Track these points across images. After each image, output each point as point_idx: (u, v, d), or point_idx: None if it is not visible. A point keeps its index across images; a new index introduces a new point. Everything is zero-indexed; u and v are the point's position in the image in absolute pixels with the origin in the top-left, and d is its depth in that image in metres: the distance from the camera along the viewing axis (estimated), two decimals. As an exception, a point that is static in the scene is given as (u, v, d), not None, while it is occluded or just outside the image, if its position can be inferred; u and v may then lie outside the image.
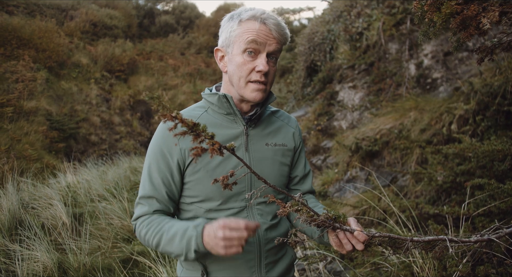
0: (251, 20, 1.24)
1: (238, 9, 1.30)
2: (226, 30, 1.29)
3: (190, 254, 1.15)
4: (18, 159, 8.64)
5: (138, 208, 1.29)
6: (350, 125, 5.77)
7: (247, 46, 1.23)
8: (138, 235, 1.27)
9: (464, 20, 0.94)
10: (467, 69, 4.45)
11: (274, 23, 1.24)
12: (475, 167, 2.68)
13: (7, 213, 4.62)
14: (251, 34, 1.22)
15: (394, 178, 3.96)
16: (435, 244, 1.23)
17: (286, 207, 1.03)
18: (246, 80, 1.26)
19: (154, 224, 1.23)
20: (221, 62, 1.34)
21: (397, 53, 5.45)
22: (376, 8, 6.06)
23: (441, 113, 3.88)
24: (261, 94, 1.27)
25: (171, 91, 15.42)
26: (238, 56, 1.25)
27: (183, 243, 1.15)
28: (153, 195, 1.27)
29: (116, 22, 16.65)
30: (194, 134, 0.82)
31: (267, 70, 1.24)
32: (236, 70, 1.26)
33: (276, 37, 1.25)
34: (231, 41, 1.27)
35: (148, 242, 1.23)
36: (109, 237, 4.51)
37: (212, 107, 1.33)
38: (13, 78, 10.68)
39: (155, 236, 1.21)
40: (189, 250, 1.14)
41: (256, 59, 1.24)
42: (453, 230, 2.36)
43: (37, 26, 12.20)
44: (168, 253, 1.20)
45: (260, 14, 1.24)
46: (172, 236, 1.18)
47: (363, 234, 1.08)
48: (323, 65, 7.07)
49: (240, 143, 1.30)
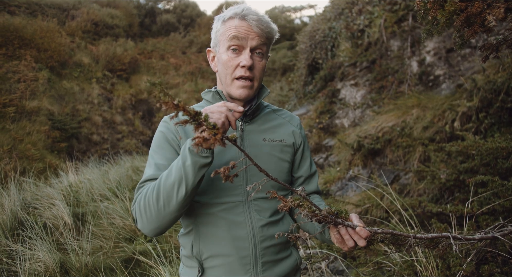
0: (232, 18, 1.28)
1: (223, 12, 1.34)
2: (213, 31, 1.34)
3: (187, 160, 1.05)
4: (20, 159, 8.66)
5: (139, 191, 1.22)
6: (352, 123, 5.74)
7: (230, 43, 1.26)
8: (139, 208, 1.16)
9: (469, 18, 0.91)
10: (470, 65, 4.41)
11: (254, 19, 1.26)
12: (479, 164, 2.66)
13: (9, 213, 4.62)
14: (231, 31, 1.25)
15: (396, 176, 3.94)
16: (438, 242, 1.21)
17: (288, 201, 1.01)
18: (232, 77, 1.28)
19: (152, 183, 1.18)
20: (213, 62, 1.40)
21: (399, 50, 5.41)
22: (378, 5, 6.02)
23: (443, 111, 3.85)
24: (247, 90, 1.29)
25: (173, 90, 15.43)
26: (223, 54, 1.29)
27: (179, 162, 1.08)
28: (155, 176, 1.22)
29: (118, 22, 16.65)
30: (195, 123, 0.79)
31: (250, 64, 1.25)
32: (223, 68, 1.30)
33: (257, 31, 1.26)
34: (217, 41, 1.32)
35: (149, 200, 1.13)
36: (111, 236, 4.51)
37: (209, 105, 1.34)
38: (15, 78, 10.70)
39: (154, 185, 1.14)
40: (185, 157, 1.06)
41: (240, 55, 1.27)
42: (457, 228, 2.34)
43: (38, 26, 12.22)
44: (170, 191, 1.09)
45: (240, 11, 1.27)
46: (169, 168, 1.13)
47: (365, 230, 1.06)
48: (325, 63, 7.03)
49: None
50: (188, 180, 1.07)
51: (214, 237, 1.26)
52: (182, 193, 1.09)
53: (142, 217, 1.15)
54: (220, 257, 1.26)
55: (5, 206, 4.75)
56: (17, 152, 8.81)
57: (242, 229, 1.26)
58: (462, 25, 0.95)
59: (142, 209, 1.15)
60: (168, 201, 1.10)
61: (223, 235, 1.25)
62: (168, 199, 1.10)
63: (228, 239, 1.25)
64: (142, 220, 1.16)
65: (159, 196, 1.11)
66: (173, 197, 1.09)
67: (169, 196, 1.09)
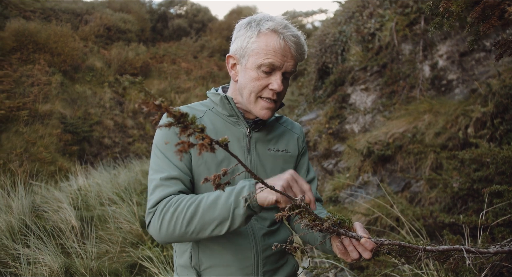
0: (271, 34, 1.18)
1: (257, 16, 1.24)
2: (243, 39, 1.22)
3: (239, 209, 0.99)
4: (32, 161, 8.77)
5: (159, 191, 1.12)
6: (362, 128, 5.63)
7: (264, 65, 1.18)
8: (160, 220, 1.08)
9: (485, 9, 0.83)
10: (485, 70, 4.27)
11: (294, 41, 1.19)
12: (494, 173, 2.54)
13: (17, 216, 4.64)
14: (270, 55, 1.17)
15: (407, 184, 3.82)
16: (450, 255, 1.14)
17: (286, 210, 0.95)
18: (257, 96, 1.23)
19: (186, 198, 1.08)
20: (233, 70, 1.30)
21: (411, 54, 5.30)
22: (389, 8, 5.92)
23: (457, 116, 3.73)
24: (270, 112, 1.25)
25: (184, 94, 15.49)
26: (252, 71, 1.21)
27: (230, 200, 1.01)
28: (179, 177, 1.15)
29: (130, 26, 16.86)
30: (181, 126, 0.70)
31: (281, 90, 1.20)
32: (248, 84, 1.22)
33: (295, 56, 1.20)
34: (246, 53, 1.21)
35: (177, 221, 1.05)
36: (117, 241, 4.50)
37: (216, 107, 1.31)
38: (29, 82, 10.89)
39: (189, 207, 1.05)
40: (238, 203, 0.99)
41: (271, 76, 1.20)
42: (470, 240, 2.23)
43: (52, 31, 12.43)
44: (207, 225, 1.03)
45: (282, 29, 1.18)
46: (215, 198, 1.04)
47: (371, 241, 0.99)
48: (335, 67, 6.95)
49: (243, 145, 1.27)
50: (233, 225, 1.03)
51: (214, 246, 1.22)
52: (220, 231, 1.05)
53: (162, 229, 1.08)
54: (221, 267, 1.21)
55: (13, 209, 4.78)
56: (27, 155, 8.92)
57: (244, 239, 1.22)
58: (478, 18, 0.87)
59: (166, 222, 1.07)
60: (199, 230, 1.05)
61: (224, 245, 1.21)
62: (201, 229, 1.05)
63: (230, 249, 1.21)
64: (160, 231, 1.09)
65: (192, 221, 1.05)
66: (207, 230, 1.05)
67: (204, 227, 1.05)
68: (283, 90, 1.23)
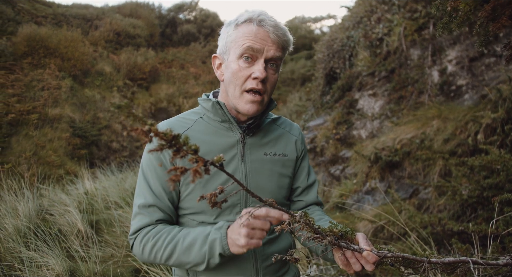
0: (247, 23, 1.16)
1: (236, 15, 1.23)
2: (223, 36, 1.22)
3: (214, 259, 1.06)
4: (41, 165, 8.85)
5: (138, 219, 1.17)
6: (369, 134, 5.57)
7: (243, 52, 1.14)
8: (141, 250, 1.14)
9: (495, 8, 0.80)
10: (495, 75, 4.20)
11: (272, 25, 1.14)
12: (504, 180, 2.48)
13: (23, 218, 4.67)
14: (247, 39, 1.13)
15: (415, 190, 3.76)
16: (456, 266, 1.09)
17: (285, 224, 0.92)
18: (242, 89, 1.17)
19: (163, 234, 1.12)
20: (218, 70, 1.27)
21: (419, 59, 5.24)
22: (397, 13, 5.88)
23: (466, 122, 3.66)
24: (256, 106, 1.18)
25: (192, 99, 15.55)
26: (233, 62, 1.17)
27: (204, 249, 1.06)
28: (154, 203, 1.17)
29: (139, 31, 17.02)
30: (174, 149, 0.67)
31: (264, 76, 1.13)
32: (232, 78, 1.17)
33: (274, 40, 1.15)
34: (227, 47, 1.20)
35: (156, 255, 1.11)
36: (123, 245, 4.49)
37: (208, 114, 1.26)
38: (39, 86, 11.03)
39: (166, 246, 1.10)
40: (212, 255, 1.05)
41: (253, 66, 1.15)
42: (480, 249, 2.17)
43: (63, 36, 12.60)
44: (182, 264, 1.10)
45: (257, 16, 1.15)
46: (190, 244, 1.08)
47: (373, 254, 0.96)
48: (343, 72, 6.91)
49: (236, 152, 1.22)
50: (209, 267, 1.09)
51: None
52: (197, 269, 1.12)
53: (143, 256, 1.16)
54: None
55: (20, 212, 4.81)
56: (36, 158, 9.01)
57: None
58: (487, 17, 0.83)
59: (146, 253, 1.14)
60: (178, 265, 1.13)
61: None
62: (180, 265, 1.12)
63: (228, 260, 1.17)
64: (142, 257, 1.16)
65: (170, 259, 1.11)
66: (185, 267, 1.13)
67: (181, 265, 1.12)
68: (269, 78, 1.18)
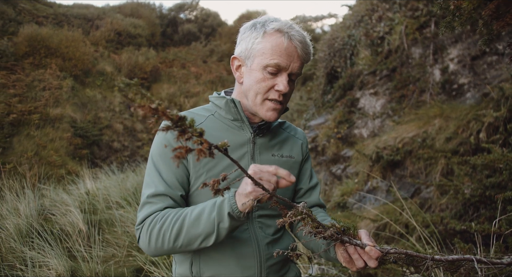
0: (277, 34, 1.16)
1: (262, 18, 1.22)
2: (248, 40, 1.21)
3: (224, 223, 1.01)
4: (43, 165, 8.86)
5: (146, 208, 1.13)
6: (371, 133, 5.56)
7: (270, 65, 1.16)
8: (148, 237, 1.10)
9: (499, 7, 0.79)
10: (497, 74, 4.18)
11: (300, 40, 1.17)
12: (507, 179, 2.46)
13: (25, 218, 4.67)
14: (276, 55, 1.15)
15: (417, 189, 3.74)
16: (460, 265, 1.08)
17: (288, 216, 0.91)
18: (264, 98, 1.20)
19: (171, 214, 1.09)
20: (237, 72, 1.27)
21: (421, 57, 5.22)
22: (399, 11, 5.86)
23: (468, 121, 3.64)
24: (277, 114, 1.22)
25: (193, 99, 15.54)
26: (257, 71, 1.18)
27: (213, 215, 1.02)
28: (166, 192, 1.14)
29: (140, 31, 17.02)
30: (179, 129, 0.68)
31: (287, 91, 1.18)
32: (254, 86, 1.19)
33: (301, 56, 1.18)
34: (252, 54, 1.19)
35: (164, 238, 1.07)
36: (124, 245, 4.48)
37: (219, 111, 1.27)
38: (40, 86, 11.04)
39: (174, 224, 1.06)
40: (222, 218, 1.01)
41: (277, 77, 1.18)
42: (483, 249, 2.15)
43: (64, 36, 12.61)
44: (192, 241, 1.06)
45: (287, 28, 1.16)
46: (198, 213, 1.05)
47: (376, 249, 0.95)
48: (344, 71, 6.89)
49: (246, 151, 1.24)
50: (219, 237, 1.05)
51: (217, 255, 1.18)
52: (207, 244, 1.07)
53: (150, 245, 1.11)
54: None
55: (21, 212, 4.81)
56: (38, 158, 9.02)
57: (248, 247, 1.19)
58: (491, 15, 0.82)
59: (153, 238, 1.10)
60: (187, 245, 1.08)
61: (227, 253, 1.17)
62: (189, 243, 1.07)
63: (233, 258, 1.17)
64: (149, 246, 1.11)
65: (179, 237, 1.07)
66: (195, 244, 1.07)
67: (191, 242, 1.07)
68: (289, 91, 1.21)
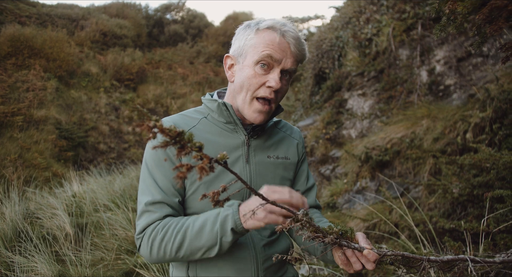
0: (270, 30, 1.15)
1: (256, 19, 1.22)
2: (241, 38, 1.20)
3: (226, 237, 1.01)
4: (27, 167, 8.67)
5: (145, 217, 1.12)
6: (359, 134, 5.62)
7: (261, 58, 1.13)
8: (149, 247, 1.09)
9: (492, 11, 0.81)
10: (482, 75, 4.28)
11: (294, 37, 1.15)
12: (494, 178, 2.52)
13: (10, 222, 4.56)
14: (268, 47, 1.13)
15: (405, 189, 3.80)
16: (454, 265, 1.11)
17: (287, 223, 0.91)
18: (253, 96, 1.17)
19: (172, 224, 1.08)
20: (229, 71, 1.26)
21: (408, 59, 5.30)
22: (386, 14, 5.94)
23: (455, 121, 3.72)
24: (263, 116, 1.19)
25: (180, 100, 15.44)
26: (249, 67, 1.16)
27: (215, 228, 1.02)
28: (163, 200, 1.12)
29: (126, 32, 16.83)
30: (178, 146, 0.66)
31: (279, 87, 1.14)
32: (245, 82, 1.16)
33: (294, 53, 1.16)
34: (244, 50, 1.18)
35: (166, 249, 1.06)
36: (112, 248, 4.42)
37: (212, 114, 1.25)
38: (24, 87, 10.81)
39: (176, 235, 1.05)
40: (225, 232, 1.01)
41: (269, 74, 1.15)
42: (472, 247, 2.20)
43: (48, 36, 12.38)
44: (194, 252, 1.06)
45: (280, 26, 1.15)
46: (201, 226, 1.04)
47: (374, 252, 0.97)
48: (332, 72, 6.95)
49: (240, 154, 1.22)
50: (222, 250, 1.05)
51: (213, 258, 1.16)
52: (209, 255, 1.07)
53: (152, 255, 1.10)
54: None
55: (6, 216, 4.69)
56: (22, 161, 8.82)
57: (245, 250, 1.18)
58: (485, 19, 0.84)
59: (155, 249, 1.09)
60: (189, 256, 1.08)
61: (223, 256, 1.17)
62: (191, 254, 1.07)
63: (229, 261, 1.17)
64: (150, 256, 1.11)
65: (181, 248, 1.07)
66: (197, 255, 1.07)
67: (193, 253, 1.07)
68: (281, 89, 1.18)
